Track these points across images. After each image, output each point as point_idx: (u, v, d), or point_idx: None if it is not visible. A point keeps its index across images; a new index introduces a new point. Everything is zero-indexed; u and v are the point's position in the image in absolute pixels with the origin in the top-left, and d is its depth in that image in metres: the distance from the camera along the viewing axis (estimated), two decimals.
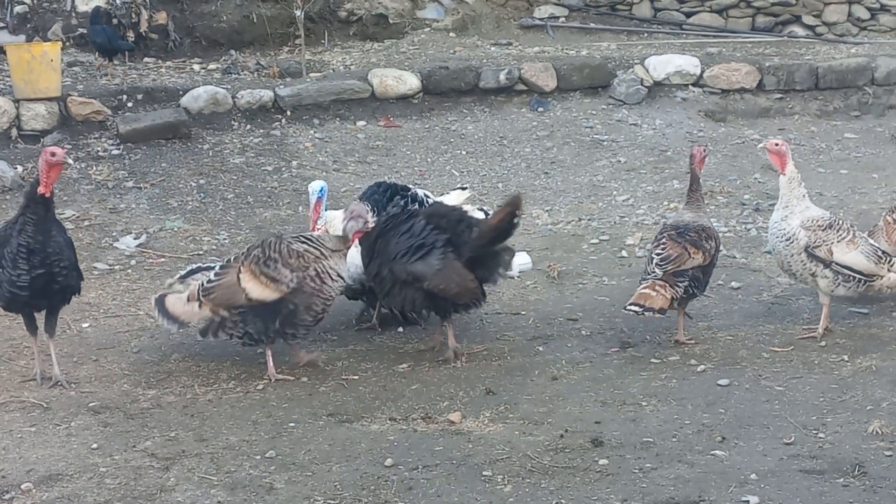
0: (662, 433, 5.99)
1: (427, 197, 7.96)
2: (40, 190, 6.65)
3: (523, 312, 7.95)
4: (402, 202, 7.63)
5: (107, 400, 6.56)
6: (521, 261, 8.76)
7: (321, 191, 7.58)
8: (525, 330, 7.63)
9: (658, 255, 7.13)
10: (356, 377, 6.87)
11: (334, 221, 7.37)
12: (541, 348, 7.30)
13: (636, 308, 6.98)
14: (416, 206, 7.63)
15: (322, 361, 7.09)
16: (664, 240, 7.19)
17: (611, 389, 6.59)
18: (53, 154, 6.70)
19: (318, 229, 7.37)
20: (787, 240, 7.20)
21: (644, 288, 7.06)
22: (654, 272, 7.09)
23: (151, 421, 6.28)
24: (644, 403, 6.38)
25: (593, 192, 10.50)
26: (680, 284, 7.07)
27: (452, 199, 8.04)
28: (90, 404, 6.50)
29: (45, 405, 6.48)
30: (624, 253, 9.08)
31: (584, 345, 7.32)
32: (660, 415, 6.22)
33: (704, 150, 7.53)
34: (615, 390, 6.58)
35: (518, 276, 8.60)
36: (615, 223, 9.75)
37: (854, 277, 7.21)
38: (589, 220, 9.85)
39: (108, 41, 12.33)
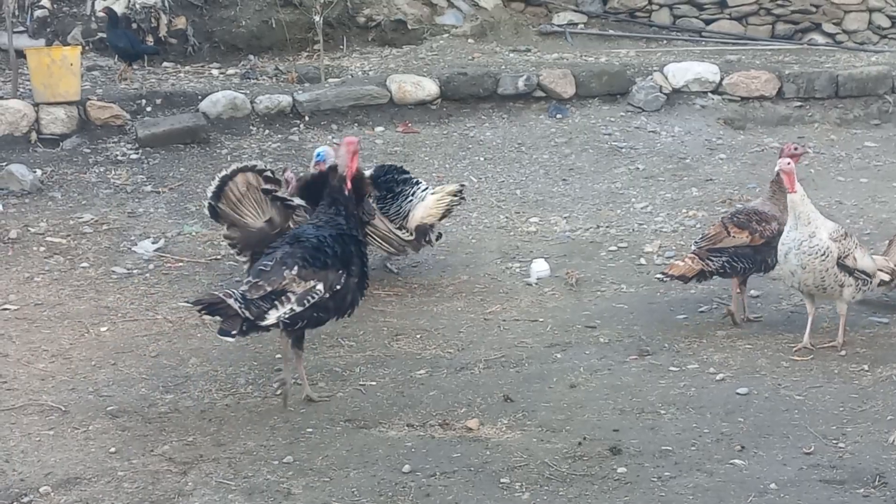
0: (681, 442, 5.97)
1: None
2: (348, 186, 6.55)
3: (541, 319, 7.92)
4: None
5: (125, 404, 6.56)
6: (538, 268, 8.82)
7: (318, 155, 8.07)
8: (543, 337, 7.60)
9: (702, 234, 7.92)
10: (374, 383, 6.86)
11: None
12: (559, 355, 7.27)
13: (660, 276, 8.04)
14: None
15: (339, 367, 7.10)
16: (716, 222, 7.93)
17: (629, 397, 6.57)
18: (358, 142, 6.70)
19: None
20: (822, 255, 7.06)
21: (676, 260, 8.03)
22: (691, 247, 7.79)
23: (169, 425, 6.28)
24: (663, 412, 6.35)
25: (611, 200, 10.47)
26: (714, 260, 7.56)
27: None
28: (108, 408, 6.50)
29: (64, 409, 6.49)
30: (642, 260, 9.05)
31: (603, 352, 7.30)
32: (678, 423, 6.20)
33: (796, 148, 7.82)
34: (633, 398, 6.56)
35: (536, 283, 8.63)
36: (633, 230, 9.72)
37: (868, 280, 7.23)
38: (607, 227, 9.82)
39: (130, 45, 12.36)
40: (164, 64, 13.21)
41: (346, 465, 5.78)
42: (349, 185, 6.56)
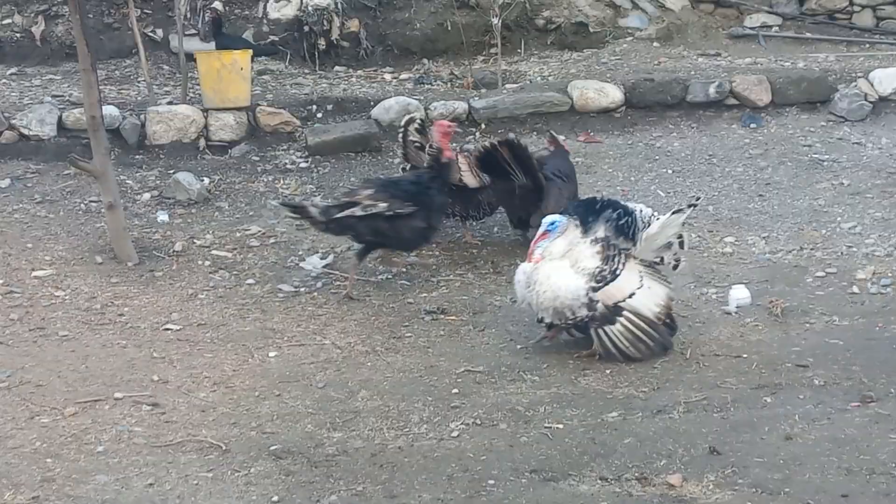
0: None
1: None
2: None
3: (745, 355, 7.10)
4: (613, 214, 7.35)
5: (289, 443, 5.99)
6: (738, 295, 7.99)
7: (552, 224, 7.17)
8: (748, 376, 6.79)
9: None
10: (561, 426, 6.15)
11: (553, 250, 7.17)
12: (768, 399, 6.46)
13: None
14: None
15: (522, 405, 6.43)
16: None
17: (856, 454, 5.73)
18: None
19: (534, 260, 7.11)
20: None
21: None
22: None
23: (337, 471, 5.67)
24: None
25: (814, 218, 9.56)
26: None
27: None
28: (272, 447, 5.93)
29: (224, 446, 5.94)
30: (855, 289, 8.15)
31: (819, 397, 6.45)
32: None
33: None
34: (861, 455, 5.71)
35: (735, 312, 7.82)
36: (842, 254, 8.81)
37: None
38: (812, 249, 8.93)
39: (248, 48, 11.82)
40: (336, 68, 12.77)
41: None
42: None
